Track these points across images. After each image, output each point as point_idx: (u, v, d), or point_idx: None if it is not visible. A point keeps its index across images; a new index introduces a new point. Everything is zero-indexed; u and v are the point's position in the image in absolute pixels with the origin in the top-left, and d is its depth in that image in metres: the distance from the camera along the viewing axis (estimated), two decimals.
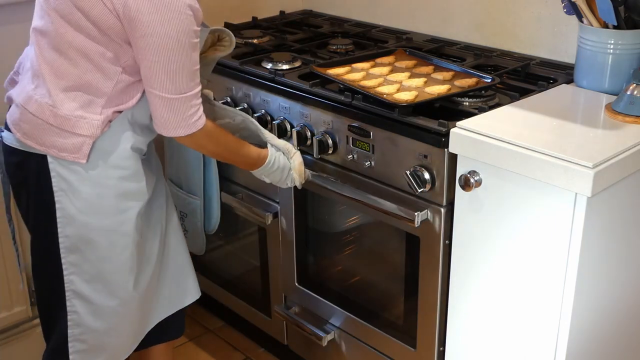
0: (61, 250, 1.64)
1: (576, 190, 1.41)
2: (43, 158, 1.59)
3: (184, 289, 1.91)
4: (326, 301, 2.08)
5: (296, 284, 2.15)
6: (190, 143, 1.67)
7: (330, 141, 1.86)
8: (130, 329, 1.77)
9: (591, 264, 1.51)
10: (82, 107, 1.55)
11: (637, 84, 1.60)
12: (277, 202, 2.11)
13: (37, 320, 2.37)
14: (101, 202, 1.62)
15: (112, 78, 1.55)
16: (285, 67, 2.05)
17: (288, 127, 1.96)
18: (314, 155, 1.89)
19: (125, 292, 1.70)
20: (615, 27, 1.73)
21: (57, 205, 1.61)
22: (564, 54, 2.05)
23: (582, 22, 1.78)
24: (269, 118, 2.02)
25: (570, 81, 1.88)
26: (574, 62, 1.86)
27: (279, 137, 1.97)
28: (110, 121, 1.58)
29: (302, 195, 2.03)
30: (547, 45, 2.09)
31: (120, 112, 1.59)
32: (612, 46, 1.74)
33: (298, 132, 1.92)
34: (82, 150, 1.57)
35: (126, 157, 1.62)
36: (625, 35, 1.72)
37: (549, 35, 2.07)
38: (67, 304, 1.67)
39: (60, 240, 1.63)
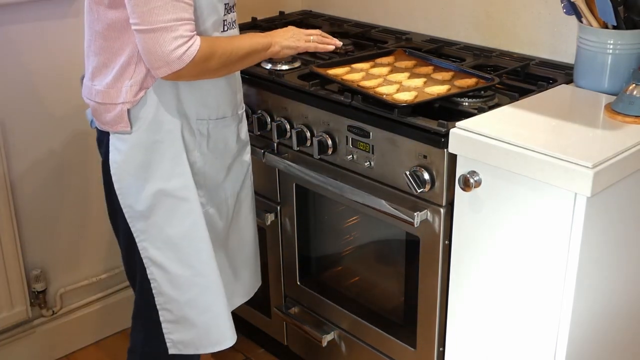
0: (128, 220, 1.69)
1: (576, 190, 1.41)
2: (107, 135, 1.66)
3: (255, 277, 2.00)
4: (327, 300, 2.08)
5: (298, 283, 2.16)
6: (188, 77, 1.58)
7: (330, 141, 1.86)
8: (219, 309, 1.77)
9: (591, 264, 1.51)
10: (111, 78, 1.60)
11: (636, 84, 1.60)
12: (278, 203, 2.11)
13: (37, 321, 2.38)
14: (154, 167, 1.65)
15: (124, 47, 1.57)
16: (284, 67, 2.05)
17: (288, 127, 1.96)
18: (314, 156, 1.89)
19: (198, 262, 1.71)
20: (614, 27, 1.73)
21: (113, 178, 1.66)
22: (564, 54, 2.05)
23: (581, 22, 1.78)
24: (268, 118, 2.02)
25: (569, 81, 1.88)
26: (573, 62, 1.86)
27: (279, 137, 1.98)
28: (143, 88, 1.59)
29: (303, 195, 2.04)
30: (547, 46, 2.09)
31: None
32: (611, 46, 1.74)
33: (298, 133, 1.92)
34: (123, 118, 1.61)
35: (168, 123, 1.63)
36: (625, 36, 1.72)
37: (548, 35, 2.08)
38: (147, 271, 1.71)
39: (124, 210, 1.68)
